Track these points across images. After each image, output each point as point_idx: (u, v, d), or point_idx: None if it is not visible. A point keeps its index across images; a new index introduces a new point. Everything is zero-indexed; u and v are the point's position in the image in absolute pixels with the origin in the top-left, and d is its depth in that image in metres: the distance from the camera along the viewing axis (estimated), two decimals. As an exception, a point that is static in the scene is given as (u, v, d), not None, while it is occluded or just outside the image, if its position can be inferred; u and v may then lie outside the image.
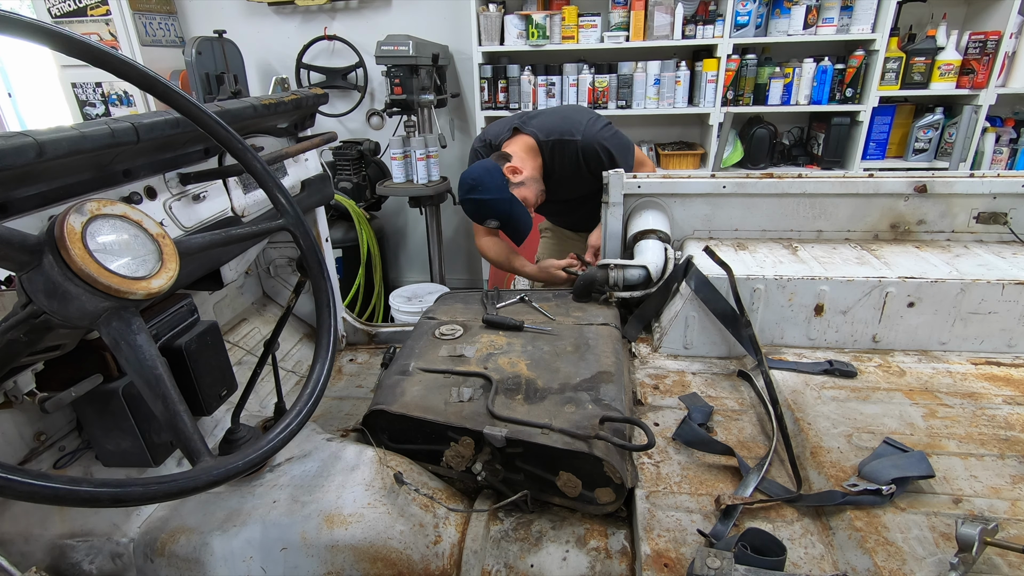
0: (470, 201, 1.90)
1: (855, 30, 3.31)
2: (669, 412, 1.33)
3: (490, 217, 1.90)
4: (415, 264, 4.65)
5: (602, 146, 1.92)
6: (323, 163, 1.76)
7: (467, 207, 1.94)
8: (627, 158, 1.97)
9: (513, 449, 1.09)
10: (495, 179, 1.87)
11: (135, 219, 0.76)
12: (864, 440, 1.15)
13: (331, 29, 3.99)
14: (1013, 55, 3.29)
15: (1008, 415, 1.21)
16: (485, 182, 1.87)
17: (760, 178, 1.74)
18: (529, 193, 1.94)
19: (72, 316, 0.69)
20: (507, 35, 3.58)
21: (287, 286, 1.94)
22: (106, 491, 0.64)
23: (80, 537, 1.05)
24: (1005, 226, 1.68)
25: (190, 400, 1.08)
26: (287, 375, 1.78)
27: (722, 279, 1.49)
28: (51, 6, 3.95)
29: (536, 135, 1.97)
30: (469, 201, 1.91)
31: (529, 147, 1.97)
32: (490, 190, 1.86)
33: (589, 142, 1.91)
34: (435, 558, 1.03)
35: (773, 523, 1.00)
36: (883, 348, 1.49)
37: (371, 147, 3.94)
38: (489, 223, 1.92)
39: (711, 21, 3.35)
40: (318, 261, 1.06)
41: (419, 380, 1.28)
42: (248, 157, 1.00)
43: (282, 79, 4.02)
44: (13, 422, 1.02)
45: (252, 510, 1.06)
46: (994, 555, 0.87)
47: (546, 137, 1.96)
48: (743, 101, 3.54)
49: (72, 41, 0.73)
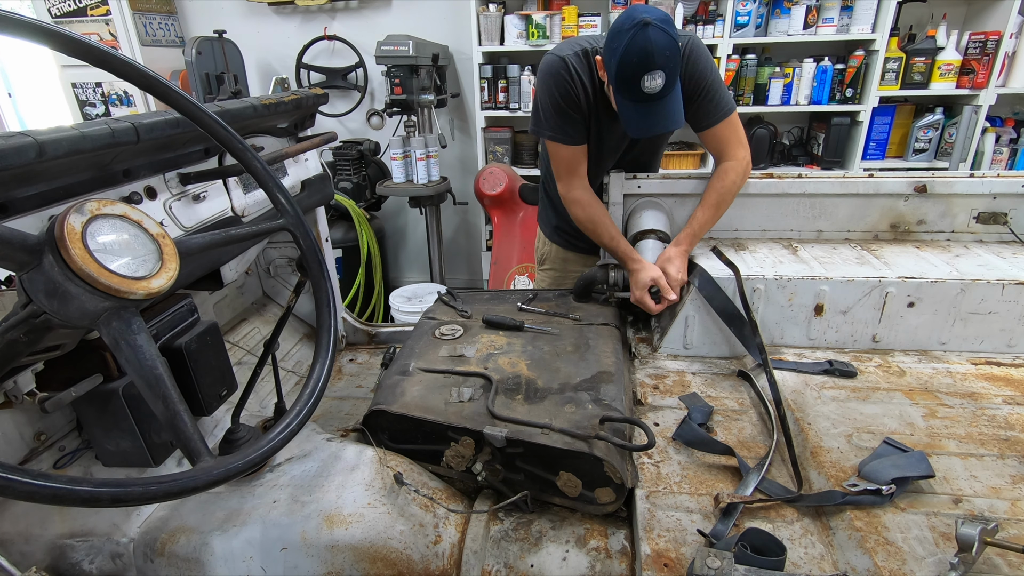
0: (663, 33, 1.32)
1: (855, 30, 3.31)
2: (669, 412, 1.33)
3: (665, 68, 1.34)
4: (415, 264, 4.65)
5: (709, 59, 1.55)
6: (323, 163, 1.76)
7: (651, 36, 1.31)
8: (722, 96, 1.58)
9: (513, 449, 1.09)
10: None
11: (135, 219, 0.76)
12: (864, 440, 1.15)
13: (331, 29, 3.99)
14: (1013, 55, 3.29)
15: (1008, 415, 1.21)
16: (676, 29, 1.37)
17: (760, 178, 1.74)
18: None
19: (72, 316, 0.69)
20: (507, 35, 3.58)
21: (287, 286, 1.94)
22: (106, 491, 0.64)
23: (80, 537, 1.05)
24: (1005, 226, 1.68)
25: (190, 400, 1.08)
26: (287, 375, 1.78)
27: (721, 279, 1.49)
28: (51, 6, 3.95)
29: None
30: (661, 32, 1.32)
31: None
32: (679, 40, 1.39)
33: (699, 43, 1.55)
34: (435, 558, 1.03)
35: (773, 523, 1.00)
36: (883, 348, 1.49)
37: (371, 147, 3.94)
38: (655, 76, 1.34)
39: (711, 21, 3.35)
40: (318, 261, 1.06)
41: (419, 380, 1.28)
42: (248, 157, 1.00)
43: (282, 79, 4.02)
44: (13, 422, 1.02)
45: (252, 510, 1.06)
46: (994, 555, 0.87)
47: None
48: (743, 101, 3.54)
49: (72, 41, 0.73)
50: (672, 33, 1.33)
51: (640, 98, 1.39)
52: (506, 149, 3.85)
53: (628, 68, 1.36)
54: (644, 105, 1.41)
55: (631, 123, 1.46)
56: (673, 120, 1.43)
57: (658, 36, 1.32)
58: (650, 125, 1.44)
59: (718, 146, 1.64)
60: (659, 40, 1.32)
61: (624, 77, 1.38)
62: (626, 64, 1.35)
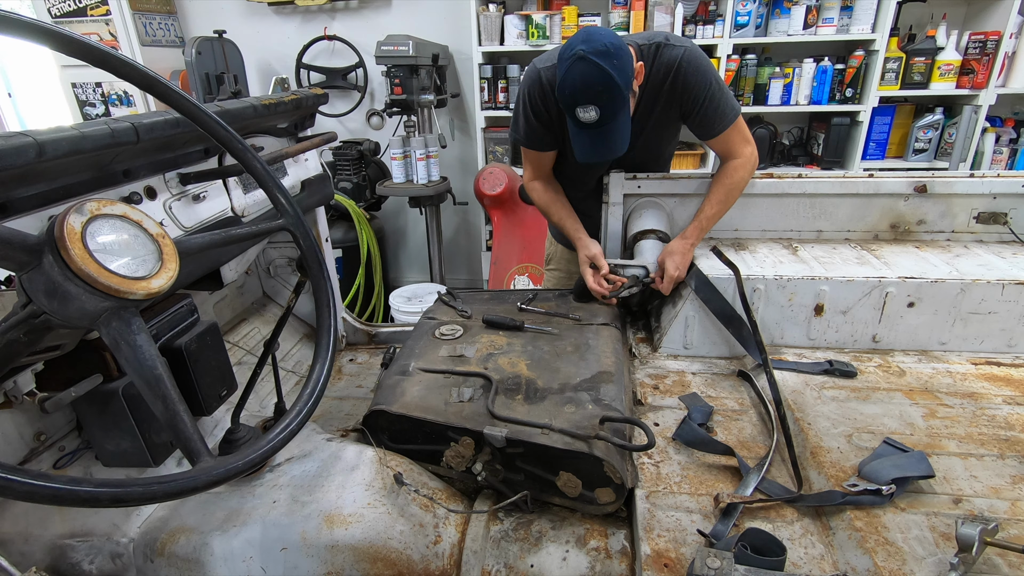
0: (596, 67, 1.30)
1: (855, 30, 3.31)
2: (669, 412, 1.33)
3: (598, 103, 1.34)
4: (415, 264, 4.65)
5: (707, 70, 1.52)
6: (323, 163, 1.76)
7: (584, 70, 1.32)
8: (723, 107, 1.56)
9: (513, 449, 1.09)
10: (630, 65, 1.37)
11: (135, 219, 0.76)
12: (864, 440, 1.15)
13: (331, 29, 3.99)
14: (1013, 55, 3.29)
15: (1008, 415, 1.21)
16: (624, 58, 1.34)
17: (760, 178, 1.74)
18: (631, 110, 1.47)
19: (72, 316, 0.69)
20: (507, 35, 3.58)
21: (287, 286, 1.94)
22: (106, 491, 0.64)
23: (80, 537, 1.05)
24: (1005, 226, 1.68)
25: (190, 400, 1.08)
26: (287, 375, 1.78)
27: (721, 279, 1.49)
28: (51, 6, 3.95)
29: (635, 42, 1.54)
30: (595, 66, 1.30)
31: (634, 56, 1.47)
32: (624, 72, 1.34)
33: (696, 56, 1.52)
34: (435, 558, 1.03)
35: (773, 523, 1.00)
36: (883, 348, 1.49)
37: (371, 147, 3.94)
38: (587, 111, 1.35)
39: (711, 21, 3.35)
40: (318, 261, 1.06)
41: (419, 380, 1.28)
42: (248, 157, 1.00)
43: (282, 79, 4.02)
44: (13, 422, 1.02)
45: (252, 510, 1.06)
46: (994, 555, 0.87)
47: (646, 41, 1.54)
48: (743, 101, 3.54)
49: (72, 41, 0.73)
50: (609, 67, 1.31)
51: (579, 125, 1.41)
52: (506, 149, 3.85)
53: (564, 99, 1.39)
54: (586, 132, 1.43)
55: (577, 147, 1.49)
56: (613, 150, 1.44)
57: (588, 72, 1.31)
58: (591, 152, 1.47)
59: (725, 149, 1.65)
60: (588, 76, 1.32)
61: (564, 105, 1.42)
62: (562, 95, 1.39)
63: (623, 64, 1.34)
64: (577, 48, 1.32)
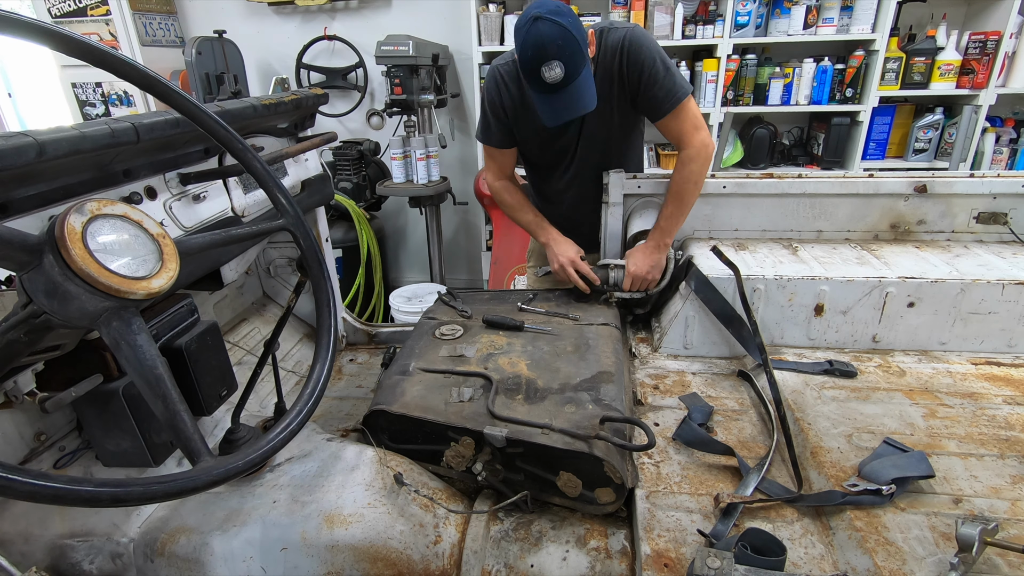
0: (551, 24, 1.35)
1: (855, 30, 3.31)
2: (669, 412, 1.33)
3: (561, 58, 1.37)
4: (415, 264, 4.65)
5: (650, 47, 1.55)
6: (323, 163, 1.76)
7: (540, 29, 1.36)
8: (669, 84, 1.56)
9: (513, 449, 1.09)
10: (581, 27, 1.42)
11: (135, 219, 0.76)
12: (864, 440, 1.15)
13: (331, 29, 3.99)
14: (1013, 55, 3.29)
15: (1008, 415, 1.21)
16: (575, 18, 1.40)
17: (760, 178, 1.74)
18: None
19: (72, 316, 0.69)
20: (507, 35, 3.58)
21: (287, 286, 1.94)
22: (106, 491, 0.64)
23: (80, 537, 1.05)
24: (1005, 226, 1.68)
25: (190, 400, 1.08)
26: (287, 375, 1.78)
27: (721, 279, 1.49)
28: (51, 6, 3.95)
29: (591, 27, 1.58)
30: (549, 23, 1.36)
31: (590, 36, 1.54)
32: (577, 28, 1.39)
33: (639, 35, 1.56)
34: (435, 558, 1.03)
35: (773, 523, 1.00)
36: (883, 348, 1.49)
37: (371, 147, 3.94)
38: (552, 67, 1.37)
39: (711, 21, 3.35)
40: (318, 261, 1.06)
41: (419, 380, 1.28)
42: (248, 157, 1.00)
43: (282, 79, 4.02)
44: (13, 422, 1.02)
45: (252, 510, 1.06)
46: (994, 555, 0.87)
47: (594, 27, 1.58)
48: (743, 101, 3.54)
49: (72, 41, 0.73)
50: (565, 23, 1.36)
51: (545, 88, 1.44)
52: (506, 149, 3.84)
53: (527, 62, 1.42)
54: (551, 95, 1.45)
55: (544, 113, 1.51)
56: (582, 105, 1.47)
57: (548, 28, 1.36)
58: (559, 113, 1.49)
59: (676, 135, 1.64)
60: (549, 32, 1.36)
61: (526, 71, 1.44)
62: (524, 58, 1.42)
63: (576, 23, 1.40)
64: (532, 12, 1.39)
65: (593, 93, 1.47)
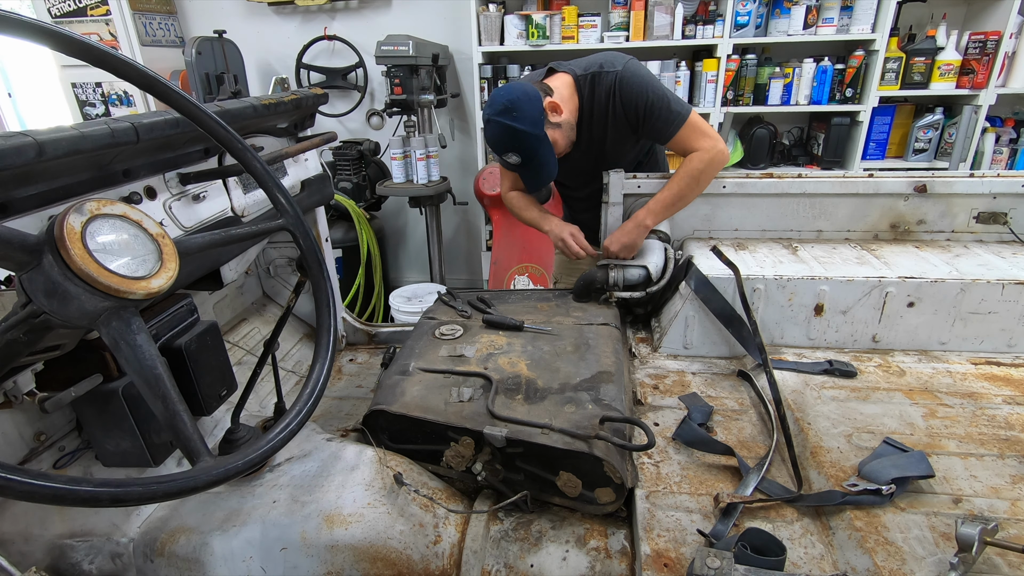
0: (499, 125, 1.58)
1: (855, 30, 3.31)
2: (669, 412, 1.33)
3: (514, 150, 1.61)
4: (415, 264, 4.65)
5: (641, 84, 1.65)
6: (323, 163, 1.76)
7: (492, 130, 1.61)
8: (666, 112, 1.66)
9: (513, 449, 1.09)
10: (534, 108, 1.58)
11: (135, 219, 0.76)
12: (864, 440, 1.15)
13: (331, 29, 3.99)
14: (1013, 55, 3.29)
15: (1008, 415, 1.21)
16: (523, 108, 1.57)
17: (760, 178, 1.74)
18: (561, 139, 1.68)
19: (72, 316, 0.69)
20: (507, 35, 3.58)
21: (287, 286, 1.94)
22: (106, 491, 0.64)
23: (80, 537, 1.05)
24: (1005, 226, 1.68)
25: (190, 400, 1.08)
26: (287, 375, 1.78)
27: (721, 279, 1.49)
28: (51, 6, 3.95)
29: (573, 71, 1.71)
30: (498, 124, 1.58)
31: (568, 85, 1.70)
32: (525, 119, 1.56)
33: (629, 74, 1.65)
34: (435, 558, 1.03)
35: (773, 523, 1.00)
36: (883, 348, 1.49)
37: (371, 147, 3.93)
38: (509, 157, 1.62)
39: (711, 21, 3.35)
40: (318, 261, 1.06)
41: (419, 380, 1.28)
42: (248, 157, 1.00)
43: (282, 79, 4.02)
44: (13, 422, 1.02)
45: (252, 510, 1.06)
46: (994, 555, 0.87)
47: (583, 71, 1.71)
48: (743, 101, 3.54)
49: (72, 41, 0.73)
50: (511, 122, 1.56)
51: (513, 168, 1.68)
52: (506, 149, 3.84)
53: (493, 149, 1.68)
54: (519, 170, 1.69)
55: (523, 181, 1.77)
56: (542, 179, 1.71)
57: (496, 130, 1.60)
58: (531, 183, 1.74)
59: (685, 148, 1.70)
60: (499, 132, 1.60)
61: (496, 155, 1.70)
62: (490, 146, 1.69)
63: (524, 113, 1.57)
64: (486, 111, 1.63)
65: (552, 167, 1.66)
